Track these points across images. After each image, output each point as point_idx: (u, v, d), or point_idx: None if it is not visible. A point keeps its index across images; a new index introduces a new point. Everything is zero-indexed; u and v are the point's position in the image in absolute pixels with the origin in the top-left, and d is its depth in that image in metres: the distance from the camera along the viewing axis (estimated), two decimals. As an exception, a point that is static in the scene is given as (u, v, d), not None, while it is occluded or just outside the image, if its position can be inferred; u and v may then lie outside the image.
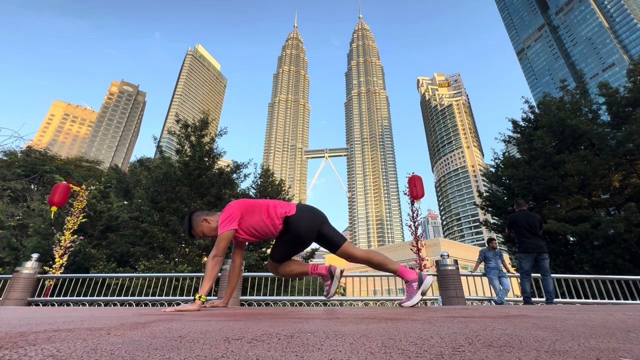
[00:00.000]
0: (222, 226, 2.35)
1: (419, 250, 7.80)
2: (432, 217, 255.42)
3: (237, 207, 2.44)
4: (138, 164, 17.22)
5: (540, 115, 15.89)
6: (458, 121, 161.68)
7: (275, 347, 0.77)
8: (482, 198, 16.95)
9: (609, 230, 11.41)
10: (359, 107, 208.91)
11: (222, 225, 2.35)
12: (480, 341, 0.82)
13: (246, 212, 2.43)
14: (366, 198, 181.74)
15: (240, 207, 2.44)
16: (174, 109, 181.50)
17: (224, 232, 2.32)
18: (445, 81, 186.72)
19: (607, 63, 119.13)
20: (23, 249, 13.51)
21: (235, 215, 2.38)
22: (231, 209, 2.41)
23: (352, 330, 1.03)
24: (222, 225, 2.35)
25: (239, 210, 2.42)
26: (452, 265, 5.88)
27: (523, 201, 6.12)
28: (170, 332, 1.02)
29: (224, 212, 2.42)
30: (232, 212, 2.39)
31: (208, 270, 2.33)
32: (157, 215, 11.87)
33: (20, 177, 18.45)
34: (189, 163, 13.39)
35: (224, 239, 2.33)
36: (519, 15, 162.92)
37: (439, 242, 66.01)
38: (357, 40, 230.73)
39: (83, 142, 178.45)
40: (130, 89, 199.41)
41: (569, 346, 0.76)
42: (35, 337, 0.90)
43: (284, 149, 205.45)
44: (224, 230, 2.32)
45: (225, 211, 2.42)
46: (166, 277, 7.05)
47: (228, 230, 2.33)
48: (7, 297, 6.03)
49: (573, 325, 1.16)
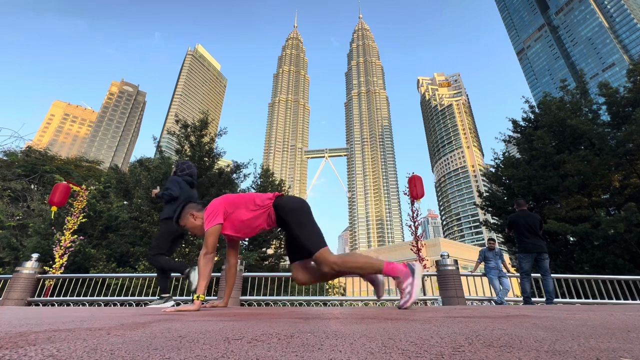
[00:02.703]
0: (207, 222, 2.33)
1: (419, 250, 7.80)
2: (432, 217, 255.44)
3: (219, 202, 2.40)
4: (138, 164, 17.22)
5: (540, 115, 15.89)
6: (458, 121, 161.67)
7: (275, 347, 0.77)
8: (482, 198, 16.95)
9: (609, 230, 11.41)
10: (359, 107, 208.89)
11: (207, 222, 2.32)
12: (480, 341, 0.82)
13: (230, 206, 2.38)
14: (366, 198, 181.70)
15: (223, 202, 2.40)
16: (173, 109, 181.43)
17: (209, 228, 2.29)
18: (445, 81, 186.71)
19: (607, 63, 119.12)
20: (23, 249, 13.51)
21: (218, 211, 2.34)
22: (212, 206, 2.38)
23: (352, 330, 1.03)
24: (207, 222, 2.32)
25: (222, 206, 2.37)
26: (452, 265, 5.88)
27: (523, 201, 6.11)
28: (170, 332, 1.02)
29: (207, 209, 2.39)
30: (214, 208, 2.35)
31: (200, 269, 2.31)
32: (157, 215, 11.87)
33: (20, 177, 18.45)
34: (189, 163, 13.38)
35: (211, 235, 2.30)
36: (519, 15, 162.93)
37: (439, 242, 66.03)
38: (357, 40, 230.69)
39: (83, 142, 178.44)
40: (130, 89, 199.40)
41: (569, 346, 0.76)
42: (35, 337, 0.90)
43: (284, 149, 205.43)
44: (209, 226, 2.29)
45: (207, 208, 2.39)
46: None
47: (213, 226, 2.29)
48: (7, 297, 6.03)
49: (573, 325, 1.16)
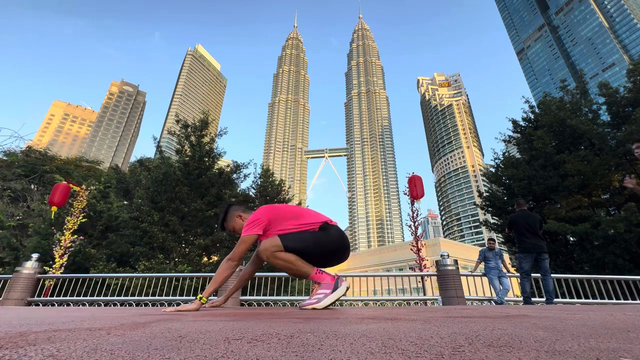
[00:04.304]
0: (246, 229, 2.23)
1: (419, 250, 7.81)
2: (432, 217, 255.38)
3: (264, 212, 2.28)
4: (138, 164, 17.24)
5: (540, 115, 15.90)
6: (458, 121, 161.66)
7: (275, 347, 0.77)
8: (482, 198, 16.96)
9: (609, 230, 11.41)
10: (359, 107, 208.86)
11: (246, 228, 2.22)
12: (480, 341, 0.82)
13: (275, 218, 2.27)
14: (366, 198, 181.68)
15: (268, 212, 2.28)
16: (174, 109, 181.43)
17: (246, 235, 2.20)
18: (445, 81, 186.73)
19: (607, 63, 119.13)
20: (23, 249, 13.51)
21: (262, 221, 2.24)
22: (258, 214, 2.27)
23: (352, 330, 1.03)
24: (246, 228, 2.22)
25: (266, 216, 2.26)
26: (452, 265, 5.89)
27: (523, 201, 6.11)
28: (170, 332, 1.02)
29: (252, 215, 2.30)
30: (258, 217, 2.25)
31: (218, 273, 2.24)
32: (157, 215, 11.87)
33: (20, 177, 18.45)
34: (188, 163, 13.40)
35: (244, 243, 2.21)
36: (519, 15, 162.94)
37: (439, 242, 66.09)
38: (357, 40, 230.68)
39: (83, 142, 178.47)
40: (130, 89, 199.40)
41: (569, 346, 0.76)
42: (35, 337, 0.90)
43: (284, 149, 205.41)
44: (247, 234, 2.20)
45: (253, 214, 2.30)
46: (166, 277, 7.06)
47: (251, 234, 2.20)
48: (7, 297, 6.03)
49: (573, 325, 1.16)
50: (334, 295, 2.17)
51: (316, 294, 2.20)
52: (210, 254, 13.31)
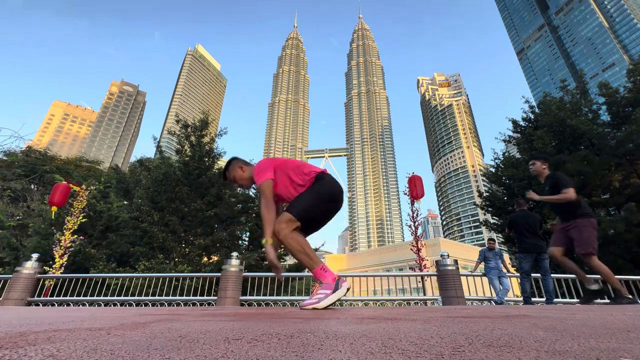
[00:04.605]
0: (257, 178, 2.43)
1: (419, 250, 7.82)
2: (432, 217, 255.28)
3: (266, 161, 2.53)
4: (138, 164, 17.22)
5: (540, 115, 15.89)
6: (458, 121, 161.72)
7: (275, 347, 0.77)
8: (482, 198, 16.96)
9: (609, 230, 11.40)
10: (359, 107, 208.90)
11: (258, 177, 2.42)
12: (480, 341, 0.82)
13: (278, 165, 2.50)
14: (366, 198, 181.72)
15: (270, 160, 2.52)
16: (174, 109, 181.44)
17: (262, 183, 2.39)
18: (445, 81, 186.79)
19: (607, 63, 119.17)
20: (23, 249, 13.51)
21: (268, 167, 2.45)
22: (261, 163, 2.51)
23: (352, 330, 1.03)
24: (258, 177, 2.42)
25: (271, 163, 2.49)
26: (452, 265, 5.89)
27: (523, 201, 6.10)
28: (170, 332, 1.02)
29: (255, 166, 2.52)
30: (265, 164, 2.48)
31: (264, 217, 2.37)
32: (157, 215, 11.86)
33: (20, 177, 18.44)
34: (188, 163, 13.39)
35: (266, 188, 2.39)
36: (519, 15, 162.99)
37: (439, 242, 66.13)
38: (357, 40, 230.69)
39: (83, 142, 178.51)
40: (130, 89, 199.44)
41: (569, 346, 0.76)
42: (35, 337, 0.90)
43: (284, 149, 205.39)
44: (262, 181, 2.39)
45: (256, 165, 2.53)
46: (166, 277, 7.06)
47: (265, 180, 2.39)
48: (7, 297, 6.03)
49: (573, 325, 1.16)
50: (335, 295, 2.22)
51: (317, 293, 2.25)
52: (210, 254, 13.30)
